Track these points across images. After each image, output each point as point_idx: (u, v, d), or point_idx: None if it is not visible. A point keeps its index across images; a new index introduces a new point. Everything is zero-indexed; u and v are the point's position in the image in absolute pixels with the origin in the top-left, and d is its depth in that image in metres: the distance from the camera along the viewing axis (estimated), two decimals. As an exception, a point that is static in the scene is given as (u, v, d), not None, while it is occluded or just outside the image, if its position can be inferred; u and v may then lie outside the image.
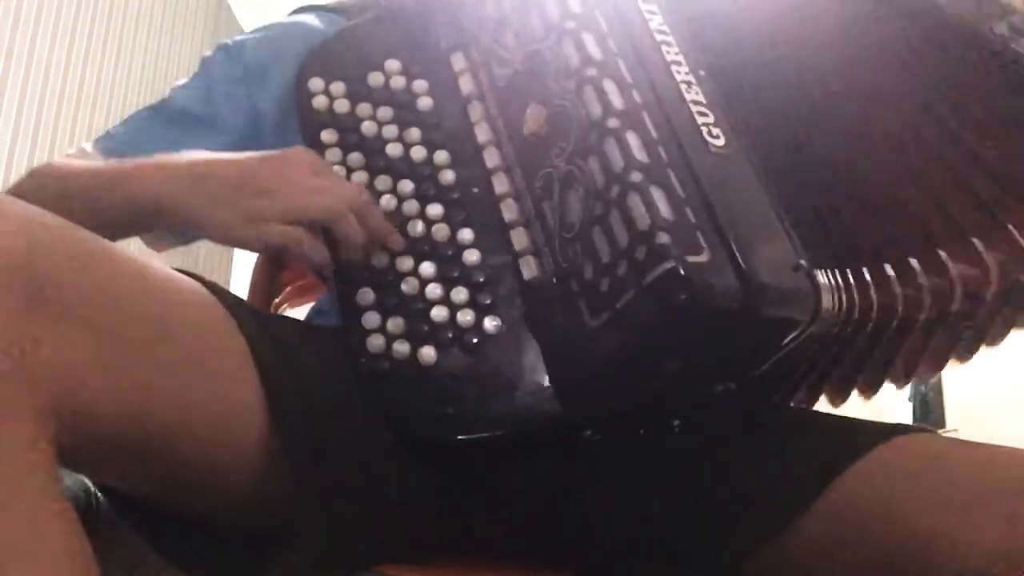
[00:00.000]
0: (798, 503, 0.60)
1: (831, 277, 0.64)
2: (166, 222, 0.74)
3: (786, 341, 0.63)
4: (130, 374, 0.51)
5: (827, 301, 0.62)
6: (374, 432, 0.66)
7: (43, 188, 0.80)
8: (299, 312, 1.13)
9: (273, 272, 1.23)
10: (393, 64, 0.80)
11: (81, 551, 0.47)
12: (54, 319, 0.48)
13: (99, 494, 0.64)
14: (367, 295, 0.69)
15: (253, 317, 0.62)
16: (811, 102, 0.72)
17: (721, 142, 0.66)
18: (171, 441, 0.55)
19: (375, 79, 0.79)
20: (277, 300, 1.23)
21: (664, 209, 0.61)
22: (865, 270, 0.66)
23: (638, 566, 0.68)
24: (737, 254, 0.60)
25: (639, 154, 0.63)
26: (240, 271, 3.31)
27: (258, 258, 1.24)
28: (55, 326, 0.48)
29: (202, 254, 3.21)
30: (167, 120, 0.89)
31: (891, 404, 1.70)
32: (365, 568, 0.64)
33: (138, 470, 0.57)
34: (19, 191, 0.83)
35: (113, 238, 0.80)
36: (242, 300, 0.64)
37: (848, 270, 0.65)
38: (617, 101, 0.65)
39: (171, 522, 0.63)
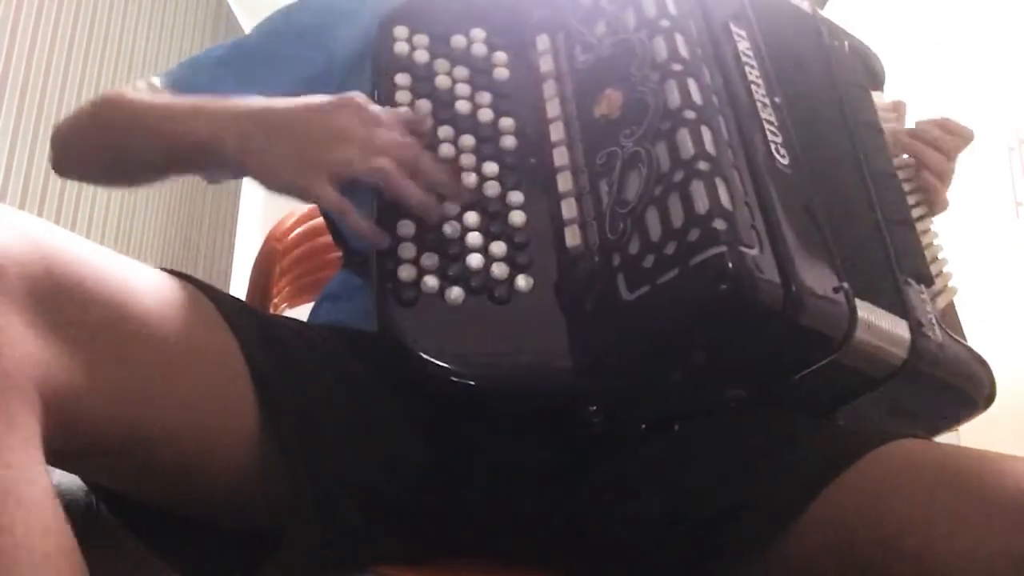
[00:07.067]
0: (788, 514, 0.59)
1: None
2: (226, 164, 0.74)
3: (813, 360, 0.63)
4: (116, 381, 0.51)
5: (861, 331, 0.63)
6: (372, 432, 0.66)
7: (105, 119, 0.82)
8: (298, 311, 1.13)
9: (271, 272, 1.23)
10: (478, 32, 0.81)
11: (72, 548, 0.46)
12: (48, 327, 0.47)
13: (96, 496, 0.63)
14: (407, 227, 0.69)
15: (248, 318, 0.62)
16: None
17: (786, 161, 0.68)
18: (162, 445, 0.55)
19: (458, 41, 0.80)
20: (275, 300, 1.23)
21: (725, 200, 0.61)
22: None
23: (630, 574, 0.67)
24: (785, 259, 0.61)
25: (710, 147, 0.64)
26: (240, 272, 3.29)
27: (256, 258, 1.24)
28: (47, 334, 0.47)
29: (203, 252, 3.19)
30: (235, 62, 0.89)
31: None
32: (364, 568, 0.63)
33: (129, 472, 0.57)
34: (80, 119, 0.84)
35: (169, 172, 0.82)
36: (238, 300, 0.64)
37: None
38: (697, 98, 0.67)
39: (169, 522, 0.62)
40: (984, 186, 0.87)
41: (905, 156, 0.86)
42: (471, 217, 0.70)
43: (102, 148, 0.83)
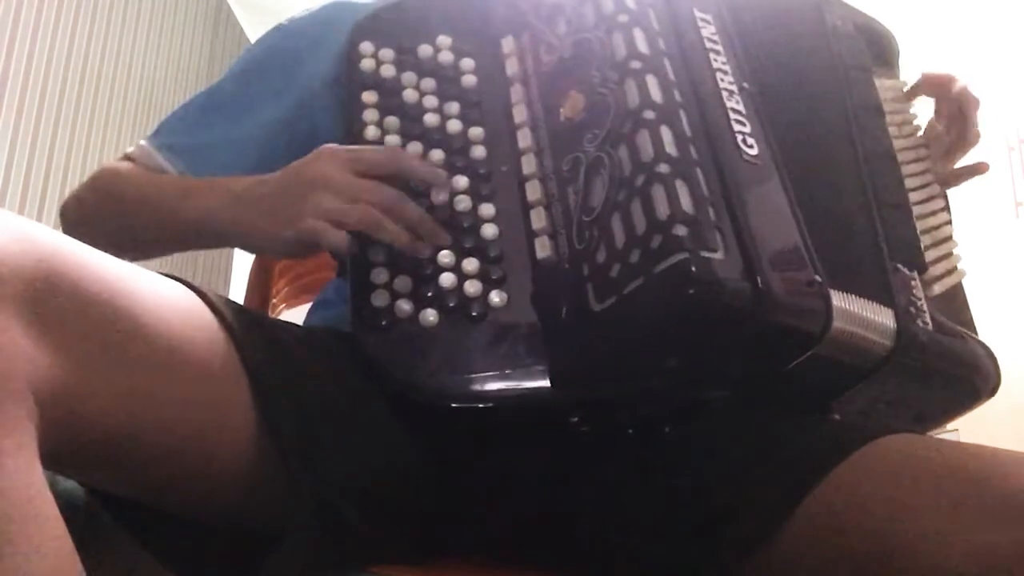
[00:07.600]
0: (782, 512, 0.58)
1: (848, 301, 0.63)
2: (225, 242, 0.77)
3: (791, 356, 0.62)
4: (112, 383, 0.51)
5: (840, 323, 0.61)
6: (371, 433, 0.66)
7: (107, 200, 0.84)
8: (297, 312, 1.14)
9: (269, 273, 1.24)
10: (444, 40, 0.80)
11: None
12: (44, 330, 0.48)
13: (94, 497, 0.63)
14: (378, 252, 0.69)
15: (245, 320, 0.62)
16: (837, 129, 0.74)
17: (754, 152, 0.66)
18: (159, 447, 0.55)
19: (424, 51, 0.80)
20: (274, 300, 1.24)
21: (686, 203, 0.60)
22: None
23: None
24: (752, 258, 0.60)
25: (670, 148, 0.62)
26: (239, 273, 3.31)
27: (254, 260, 1.24)
28: (44, 336, 0.48)
29: (201, 255, 3.20)
30: (215, 108, 0.90)
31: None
32: (363, 568, 0.63)
33: (127, 474, 0.57)
34: (82, 201, 0.86)
35: (176, 251, 0.85)
36: (235, 303, 0.64)
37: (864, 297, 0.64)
38: (657, 96, 0.65)
39: (166, 524, 0.62)
40: (984, 186, 0.85)
41: (919, 135, 0.84)
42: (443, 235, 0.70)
43: (111, 222, 0.85)
